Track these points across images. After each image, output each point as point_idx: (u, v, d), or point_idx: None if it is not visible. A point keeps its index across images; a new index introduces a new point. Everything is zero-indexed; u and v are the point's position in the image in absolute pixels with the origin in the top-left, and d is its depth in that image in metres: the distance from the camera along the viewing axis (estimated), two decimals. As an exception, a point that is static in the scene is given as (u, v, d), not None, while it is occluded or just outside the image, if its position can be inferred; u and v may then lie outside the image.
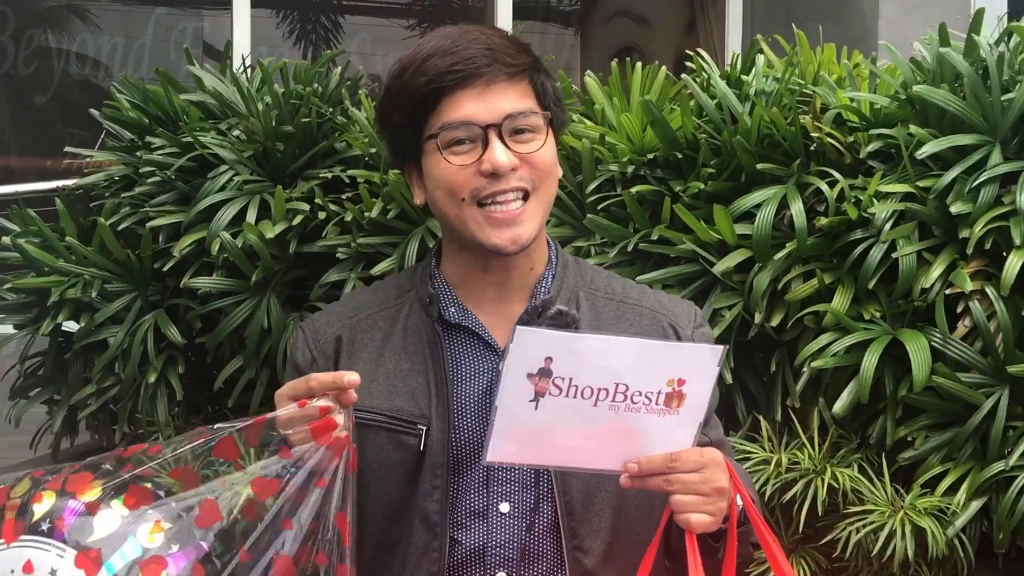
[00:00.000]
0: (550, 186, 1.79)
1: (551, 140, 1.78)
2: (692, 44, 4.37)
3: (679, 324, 1.86)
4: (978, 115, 2.65)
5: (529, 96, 1.76)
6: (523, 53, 1.77)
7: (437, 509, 1.73)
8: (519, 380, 1.53)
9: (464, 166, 1.71)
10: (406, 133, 1.78)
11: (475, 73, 1.70)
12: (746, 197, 2.76)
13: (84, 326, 3.29)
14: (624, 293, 1.89)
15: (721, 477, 1.61)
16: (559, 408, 1.54)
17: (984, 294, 2.54)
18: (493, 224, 1.72)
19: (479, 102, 1.71)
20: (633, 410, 1.56)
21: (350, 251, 3.04)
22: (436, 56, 1.72)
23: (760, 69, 3.07)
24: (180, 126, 3.40)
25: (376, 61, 6.75)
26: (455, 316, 1.81)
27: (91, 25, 5.81)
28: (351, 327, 1.87)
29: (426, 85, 1.71)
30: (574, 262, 1.91)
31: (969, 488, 2.53)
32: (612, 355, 1.53)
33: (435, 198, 1.77)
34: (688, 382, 1.56)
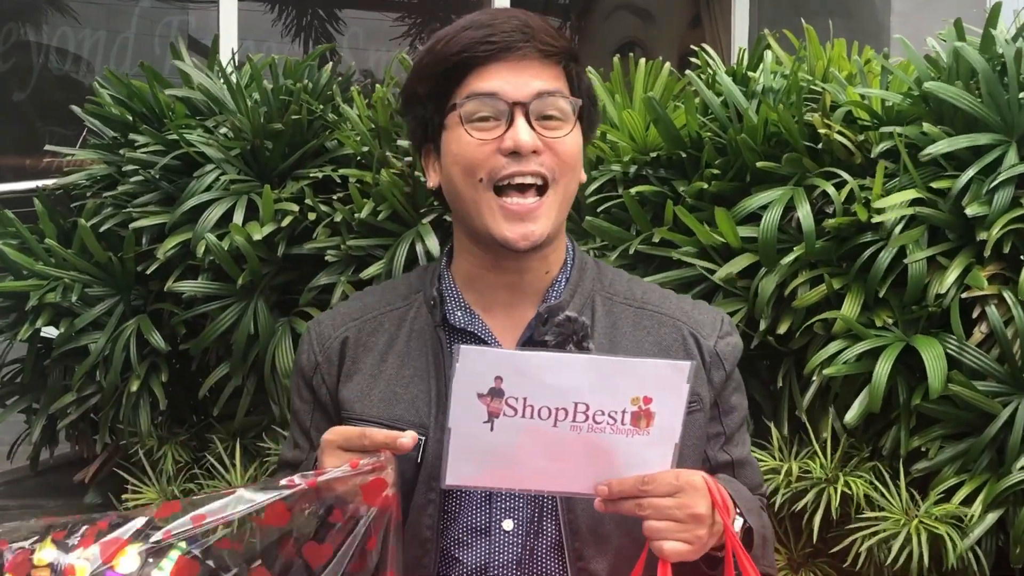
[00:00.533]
0: (571, 182, 1.76)
1: (578, 133, 1.76)
2: (697, 39, 4.36)
3: (701, 333, 1.82)
4: (994, 113, 2.63)
5: (561, 80, 1.74)
6: (561, 39, 1.75)
7: (430, 524, 1.70)
8: (469, 400, 1.49)
9: (485, 142, 1.69)
10: (430, 106, 1.76)
11: (509, 47, 1.69)
12: (751, 198, 2.75)
13: (64, 332, 3.27)
14: (644, 299, 1.85)
15: (699, 503, 1.54)
16: (516, 429, 1.50)
17: (1001, 299, 2.52)
18: (507, 216, 1.69)
19: (509, 76, 1.69)
20: (597, 430, 1.50)
21: (340, 253, 3.03)
22: (471, 28, 1.71)
23: (768, 65, 3.05)
24: (165, 123, 3.39)
25: (369, 56, 6.73)
26: (461, 320, 1.78)
27: (71, 18, 5.79)
28: (357, 328, 1.85)
29: (458, 54, 1.70)
30: (593, 264, 1.88)
31: (985, 500, 2.51)
32: (565, 373, 1.49)
33: (451, 176, 1.74)
34: (655, 400, 1.50)
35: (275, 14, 6.44)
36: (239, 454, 3.16)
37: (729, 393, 1.86)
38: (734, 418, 1.87)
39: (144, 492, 3.23)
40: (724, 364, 1.83)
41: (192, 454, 3.38)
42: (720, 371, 1.82)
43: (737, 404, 1.88)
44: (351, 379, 1.81)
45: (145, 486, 3.25)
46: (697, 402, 1.78)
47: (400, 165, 2.99)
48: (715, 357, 1.82)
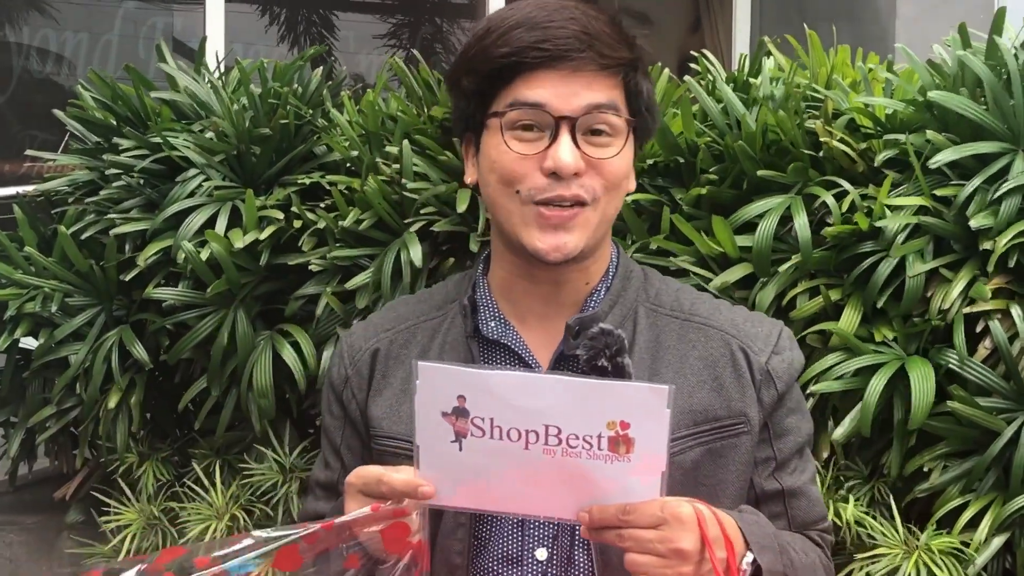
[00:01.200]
0: (614, 198, 1.68)
1: (629, 148, 1.68)
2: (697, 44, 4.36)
3: (752, 348, 1.74)
4: (1000, 122, 2.63)
5: (617, 92, 1.66)
6: (624, 46, 1.66)
7: (459, 550, 1.66)
8: (433, 419, 1.45)
9: (524, 156, 1.62)
10: (473, 102, 1.68)
11: (563, 55, 1.60)
12: (748, 207, 2.75)
13: (43, 343, 3.27)
14: (692, 309, 1.78)
15: (684, 537, 1.45)
16: (486, 450, 1.45)
17: (1006, 313, 2.52)
18: (541, 224, 1.63)
19: (560, 86, 1.61)
20: (572, 455, 1.44)
21: (325, 263, 3.02)
22: (524, 27, 1.61)
23: (768, 72, 3.06)
24: (150, 127, 3.39)
25: (360, 60, 6.74)
26: (495, 331, 1.74)
27: (53, 19, 5.79)
28: (389, 340, 1.80)
29: (506, 56, 1.61)
30: (640, 273, 1.81)
31: (991, 522, 2.50)
32: (532, 394, 1.43)
33: (487, 181, 1.68)
34: (634, 425, 1.42)
35: (264, 17, 6.45)
36: (219, 472, 3.14)
37: (783, 414, 1.77)
38: (788, 442, 1.77)
39: (124, 513, 3.21)
40: (776, 383, 1.74)
41: (175, 471, 3.37)
42: (771, 390, 1.74)
43: (793, 427, 1.78)
44: (380, 394, 1.77)
45: (125, 507, 3.23)
46: (744, 423, 1.71)
47: (389, 172, 2.99)
48: (766, 375, 1.74)
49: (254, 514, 3.08)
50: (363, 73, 6.56)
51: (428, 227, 2.92)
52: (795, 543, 1.70)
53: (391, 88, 3.42)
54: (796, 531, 1.78)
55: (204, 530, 3.03)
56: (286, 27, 6.55)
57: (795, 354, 1.79)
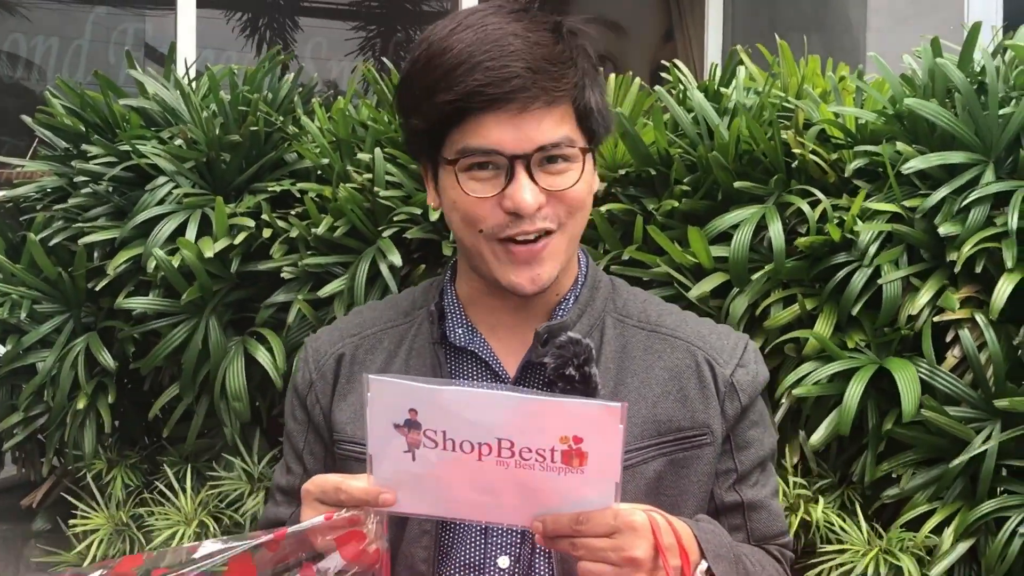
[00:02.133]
0: (579, 220, 1.67)
1: (588, 170, 1.65)
2: (670, 54, 4.38)
3: (717, 360, 1.74)
4: (971, 131, 2.65)
5: (568, 121, 1.62)
6: (571, 68, 1.61)
7: (424, 557, 1.67)
8: (386, 430, 1.44)
9: (484, 198, 1.60)
10: (424, 140, 1.65)
11: (509, 98, 1.55)
12: (722, 217, 2.76)
13: (11, 349, 3.25)
14: (659, 320, 1.78)
15: (637, 545, 1.45)
16: (439, 460, 1.45)
17: (975, 323, 2.54)
18: (512, 261, 1.62)
19: (509, 129, 1.57)
20: (525, 467, 1.43)
21: (296, 271, 3.02)
22: (465, 68, 1.56)
23: (740, 81, 3.07)
24: (119, 134, 3.38)
25: (331, 67, 6.73)
26: (462, 339, 1.73)
27: (23, 23, 5.77)
28: (354, 345, 1.80)
29: (450, 103, 1.57)
30: (608, 283, 1.81)
31: (956, 529, 2.52)
32: (484, 410, 1.42)
33: (451, 219, 1.66)
34: (587, 440, 1.41)
35: (235, 23, 6.43)
36: (190, 479, 3.14)
37: (746, 427, 1.77)
38: (749, 455, 1.78)
39: (92, 519, 3.21)
40: (740, 395, 1.75)
41: (144, 477, 3.35)
42: (735, 402, 1.74)
43: (755, 440, 1.78)
44: (345, 399, 1.77)
45: (94, 511, 3.22)
46: (707, 435, 1.72)
47: (361, 179, 2.99)
48: (730, 387, 1.74)
49: (222, 521, 3.08)
50: (335, 80, 6.55)
51: (400, 234, 2.92)
52: (752, 555, 1.71)
53: (362, 95, 3.42)
54: (756, 544, 1.78)
55: (172, 535, 3.02)
56: (257, 33, 6.53)
57: (760, 368, 1.79)
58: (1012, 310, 2.52)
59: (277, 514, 1.86)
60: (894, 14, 5.62)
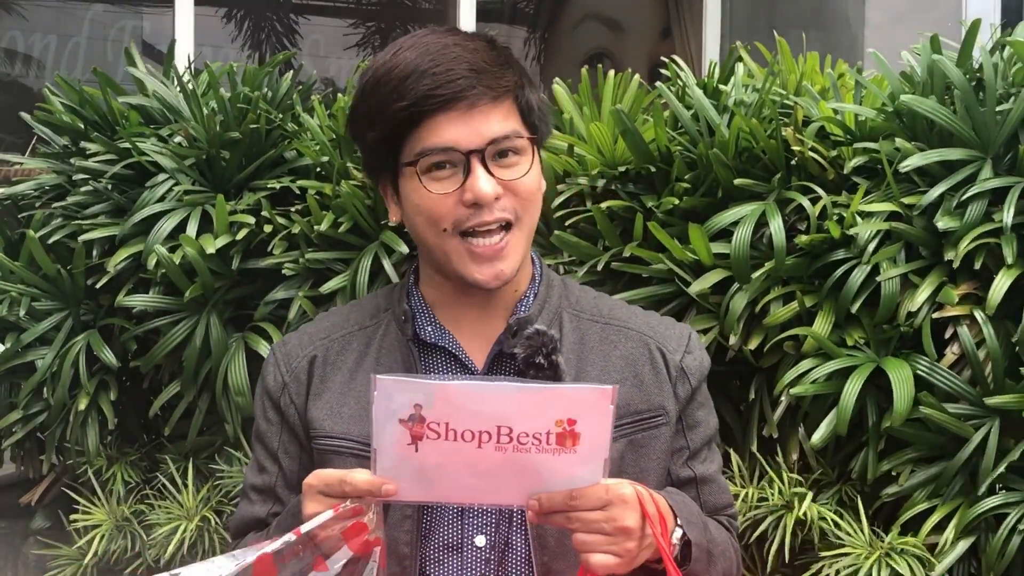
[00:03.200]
0: (533, 213, 1.81)
1: (536, 162, 1.80)
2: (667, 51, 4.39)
3: (667, 348, 1.89)
4: (969, 128, 2.66)
5: (513, 116, 1.77)
6: (508, 70, 1.77)
7: (407, 540, 1.76)
8: (391, 425, 1.53)
9: (445, 195, 1.73)
10: (381, 152, 1.78)
11: (458, 97, 1.70)
12: (723, 214, 2.77)
13: (10, 347, 3.26)
14: (611, 314, 1.92)
15: (628, 516, 1.59)
16: (441, 450, 1.54)
17: (973, 319, 2.55)
18: (475, 259, 1.75)
19: (461, 126, 1.71)
20: (522, 451, 1.54)
21: (297, 267, 3.03)
22: (414, 76, 1.71)
23: (739, 78, 3.08)
24: (118, 131, 3.38)
25: (330, 64, 6.74)
26: (431, 335, 1.85)
27: (21, 21, 5.77)
28: (325, 347, 1.90)
29: (405, 109, 1.71)
30: (560, 281, 1.94)
31: (957, 526, 2.53)
32: (488, 401, 1.53)
33: (414, 224, 1.79)
34: (580, 422, 1.54)
35: (233, 20, 6.43)
36: (191, 475, 3.15)
37: (694, 408, 1.92)
38: (699, 433, 1.93)
39: (93, 514, 3.22)
40: (690, 379, 1.90)
41: (143, 474, 3.36)
42: (685, 385, 1.89)
43: (702, 420, 1.94)
44: (320, 397, 1.86)
45: (95, 507, 3.23)
46: (663, 415, 1.86)
47: (361, 176, 3.00)
48: (680, 372, 1.89)
49: (224, 515, 3.09)
50: (333, 77, 6.56)
51: (401, 227, 2.93)
52: (711, 522, 1.86)
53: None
54: (708, 514, 1.91)
55: (173, 530, 3.03)
56: (256, 31, 6.54)
57: (703, 355, 1.95)
58: (1010, 307, 2.53)
59: (253, 512, 1.94)
60: (892, 11, 5.63)
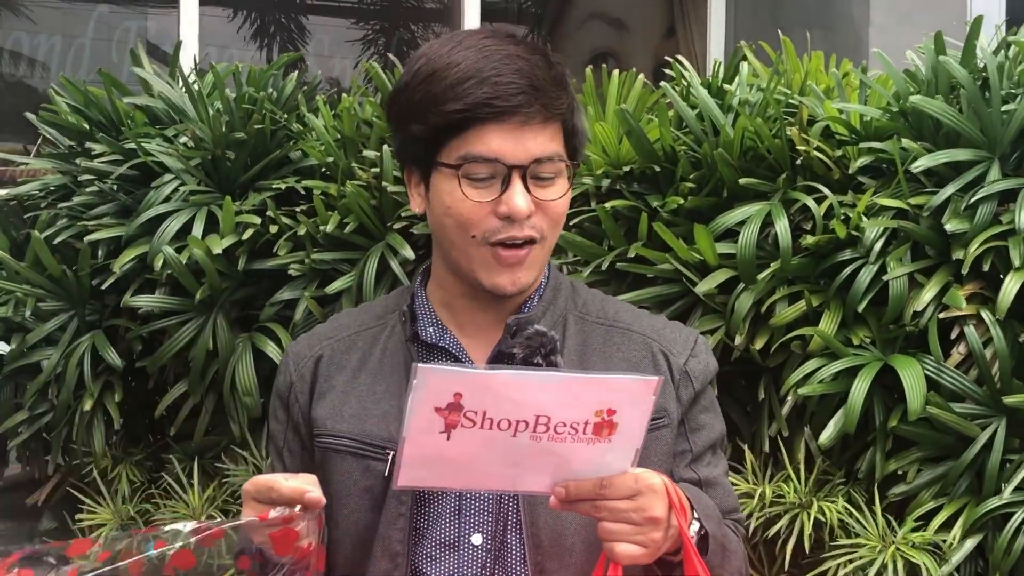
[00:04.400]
0: (556, 234, 1.82)
1: (569, 187, 1.80)
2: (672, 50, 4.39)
3: (671, 351, 1.88)
4: (976, 128, 2.66)
5: (558, 138, 1.77)
6: (563, 92, 1.77)
7: (400, 538, 1.76)
8: (426, 414, 1.50)
9: (481, 203, 1.72)
10: (420, 145, 1.77)
11: (513, 111, 1.70)
12: (728, 214, 2.76)
13: (16, 348, 3.26)
14: (616, 317, 1.91)
15: (657, 505, 1.58)
16: (473, 439, 1.52)
17: (980, 319, 2.54)
18: (498, 265, 1.75)
19: (510, 140, 1.71)
20: (557, 440, 1.53)
21: (303, 268, 3.03)
22: (473, 80, 1.70)
23: (744, 78, 3.08)
24: (123, 132, 3.38)
25: (335, 65, 6.73)
26: (432, 336, 1.85)
27: (26, 22, 5.77)
28: (331, 348, 1.92)
29: (458, 112, 1.70)
30: (569, 285, 1.94)
31: (963, 525, 2.53)
32: (530, 390, 1.51)
33: (441, 224, 1.78)
34: (619, 411, 1.52)
35: (238, 20, 6.43)
36: (197, 475, 3.15)
37: (698, 411, 1.91)
38: (702, 436, 1.91)
39: (99, 513, 3.22)
40: (693, 382, 1.89)
41: (148, 474, 3.37)
42: (689, 388, 1.88)
43: (706, 423, 1.92)
44: (324, 397, 1.88)
45: (100, 507, 3.23)
46: (664, 417, 1.84)
47: (366, 176, 2.99)
48: (684, 375, 1.88)
49: (230, 515, 3.09)
50: (338, 77, 6.56)
51: (407, 230, 2.93)
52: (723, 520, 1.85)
53: (367, 93, 3.43)
54: None
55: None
56: (261, 31, 6.54)
57: (710, 359, 1.94)
58: (1018, 307, 2.53)
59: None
60: (897, 10, 5.63)
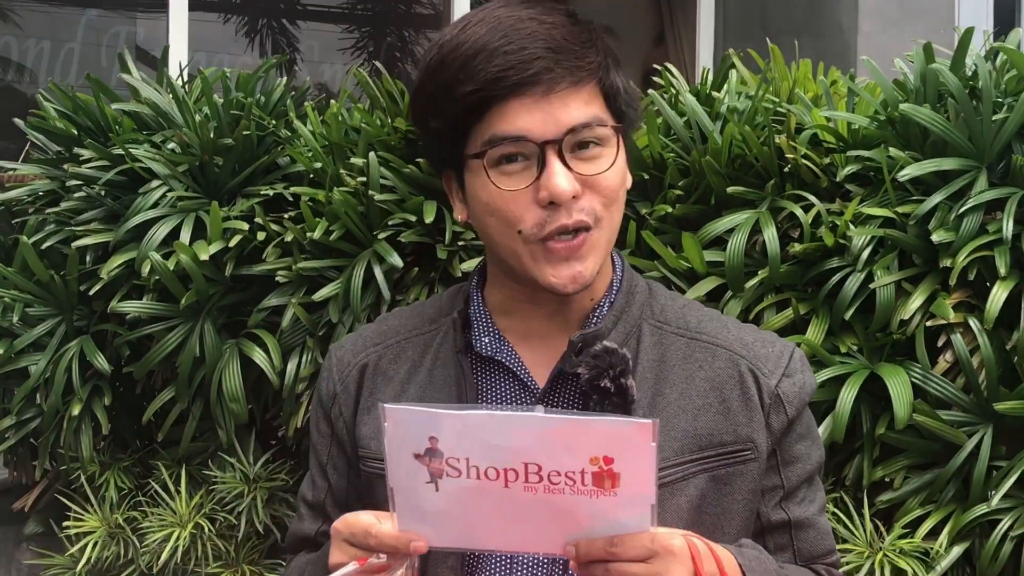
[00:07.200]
0: (615, 213, 1.58)
1: (621, 154, 1.57)
2: (661, 57, 4.38)
3: (762, 370, 1.65)
4: (964, 137, 2.66)
5: (596, 101, 1.55)
6: (591, 49, 1.54)
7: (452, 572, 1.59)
8: (406, 460, 1.38)
9: (517, 192, 1.51)
10: (446, 142, 1.57)
11: (533, 80, 1.48)
12: (717, 222, 2.76)
13: (3, 353, 3.25)
14: (699, 328, 1.68)
15: (675, 570, 1.39)
16: (464, 490, 1.38)
17: (967, 327, 2.55)
18: (552, 259, 1.53)
19: (536, 113, 1.49)
20: (555, 491, 1.36)
21: (290, 274, 3.02)
22: (483, 56, 1.49)
23: (732, 85, 3.07)
24: (111, 137, 3.37)
25: (323, 70, 6.72)
26: (488, 347, 1.64)
27: (14, 27, 5.76)
28: (378, 355, 1.72)
29: (472, 94, 1.49)
30: (645, 288, 1.70)
31: (950, 532, 2.53)
32: (508, 433, 1.35)
33: (485, 223, 1.57)
34: (618, 460, 1.34)
35: (227, 26, 6.42)
36: (184, 481, 3.14)
37: (792, 441, 1.68)
38: (796, 470, 1.69)
39: (86, 520, 3.21)
40: (787, 407, 1.65)
41: (135, 480, 3.35)
42: (781, 415, 1.65)
43: (802, 455, 1.69)
44: (368, 412, 1.69)
45: (87, 513, 3.22)
46: (751, 450, 1.62)
47: (354, 183, 2.99)
48: (776, 399, 1.64)
49: (217, 522, 3.08)
50: (327, 83, 6.55)
51: (394, 237, 2.92)
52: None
53: (355, 99, 3.43)
54: (802, 564, 1.71)
55: (166, 537, 3.02)
56: (250, 36, 6.53)
57: (807, 377, 1.70)
58: (1004, 314, 2.53)
59: (303, 530, 1.81)
60: (884, 17, 5.64)
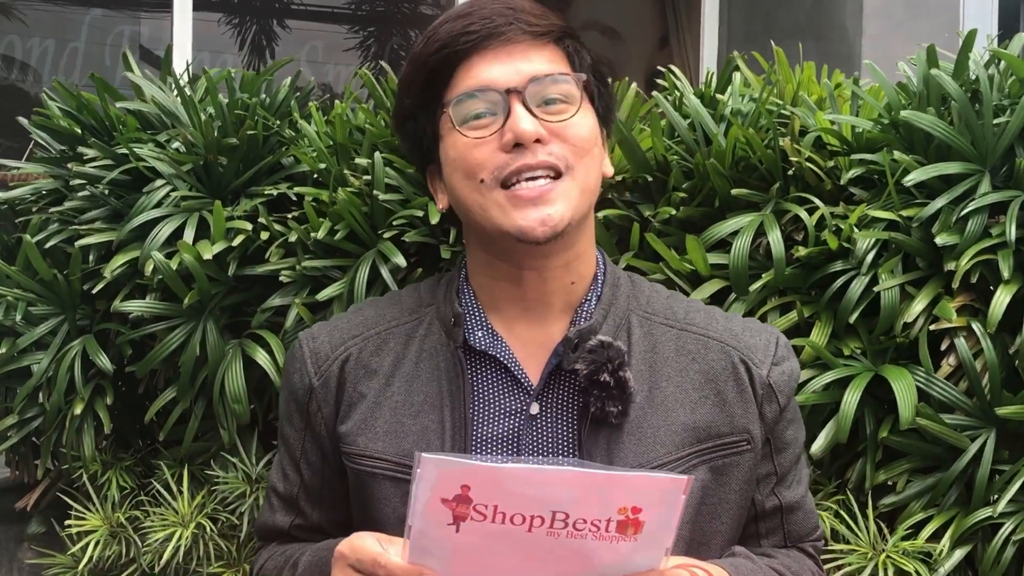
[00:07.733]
0: (589, 167, 1.62)
1: (590, 113, 1.64)
2: (665, 59, 4.39)
3: (753, 360, 1.70)
4: (967, 141, 2.66)
5: (560, 60, 1.63)
6: (550, 16, 1.65)
7: None
8: (432, 504, 1.38)
9: (482, 139, 1.58)
10: (421, 118, 1.65)
11: (492, 33, 1.59)
12: (721, 224, 2.76)
13: (6, 352, 3.25)
14: (688, 319, 1.73)
15: None
16: (485, 532, 1.38)
17: (970, 331, 2.55)
18: (518, 204, 1.56)
19: (497, 65, 1.59)
20: (577, 536, 1.38)
21: (294, 274, 3.02)
22: (449, 20, 1.61)
23: (736, 88, 3.07)
24: (115, 136, 3.37)
25: (328, 71, 6.73)
26: (482, 342, 1.67)
27: (19, 25, 5.76)
28: (359, 348, 1.73)
29: (438, 51, 1.60)
30: (627, 279, 1.76)
31: (953, 536, 2.53)
32: (544, 485, 1.36)
33: (453, 185, 1.63)
34: (646, 510, 1.38)
35: (232, 26, 6.43)
36: (187, 481, 3.14)
37: (783, 427, 1.75)
38: (788, 455, 1.76)
39: (88, 519, 3.21)
40: (778, 396, 1.72)
41: (137, 480, 3.35)
42: (773, 404, 1.72)
43: (792, 439, 1.77)
44: (353, 408, 1.70)
45: (89, 512, 3.22)
46: (747, 441, 1.68)
47: (358, 183, 2.99)
48: (768, 389, 1.71)
49: (219, 522, 3.08)
50: (331, 83, 6.55)
51: (398, 237, 2.92)
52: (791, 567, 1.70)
53: (359, 99, 3.43)
54: (792, 545, 1.76)
55: (169, 537, 3.02)
56: (255, 36, 6.53)
57: (792, 362, 1.76)
58: (1007, 318, 2.53)
59: (275, 521, 1.81)
60: (889, 20, 5.63)
